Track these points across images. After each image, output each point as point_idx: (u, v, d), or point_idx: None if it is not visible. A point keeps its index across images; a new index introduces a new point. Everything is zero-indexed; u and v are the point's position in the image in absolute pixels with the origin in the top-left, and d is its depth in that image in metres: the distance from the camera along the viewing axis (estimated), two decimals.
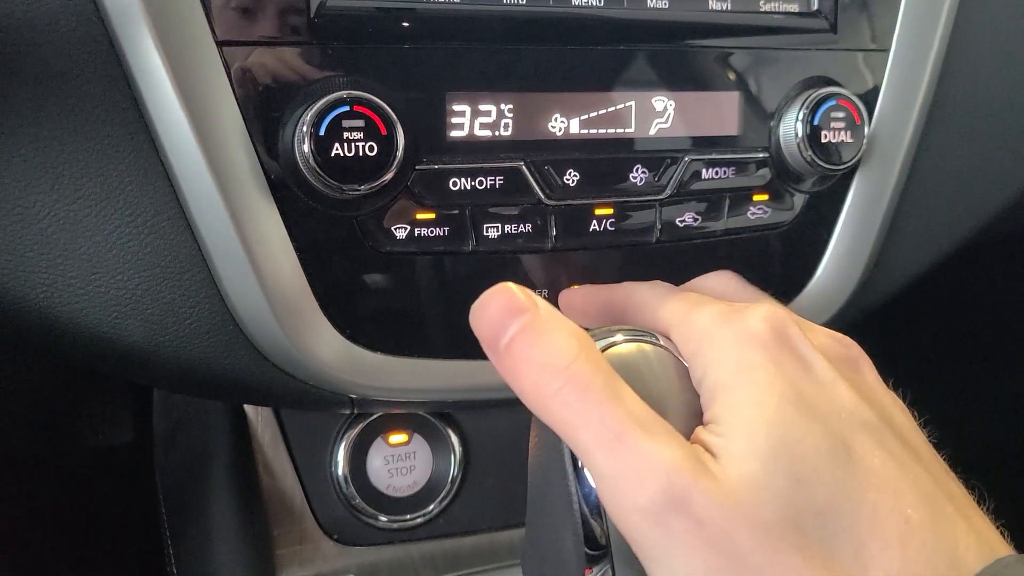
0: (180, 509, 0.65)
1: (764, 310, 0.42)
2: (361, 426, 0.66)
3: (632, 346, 0.42)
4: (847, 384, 0.40)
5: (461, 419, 0.68)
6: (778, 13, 0.60)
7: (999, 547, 0.38)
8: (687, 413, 0.41)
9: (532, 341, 0.39)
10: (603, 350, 0.42)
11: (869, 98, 0.63)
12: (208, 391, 0.62)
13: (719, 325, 0.42)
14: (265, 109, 0.50)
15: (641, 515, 0.35)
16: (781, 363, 0.39)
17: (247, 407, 0.68)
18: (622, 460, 0.36)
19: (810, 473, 0.36)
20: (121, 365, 0.55)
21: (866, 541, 0.35)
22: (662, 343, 0.43)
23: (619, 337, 0.43)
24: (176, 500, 0.66)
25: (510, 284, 0.42)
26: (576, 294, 0.56)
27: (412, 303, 0.56)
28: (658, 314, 0.45)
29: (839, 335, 0.45)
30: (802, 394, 0.38)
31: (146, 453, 0.69)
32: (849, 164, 0.60)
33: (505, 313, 0.40)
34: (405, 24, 0.52)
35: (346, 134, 0.49)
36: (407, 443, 0.67)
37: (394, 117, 0.50)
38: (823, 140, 0.59)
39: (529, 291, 0.41)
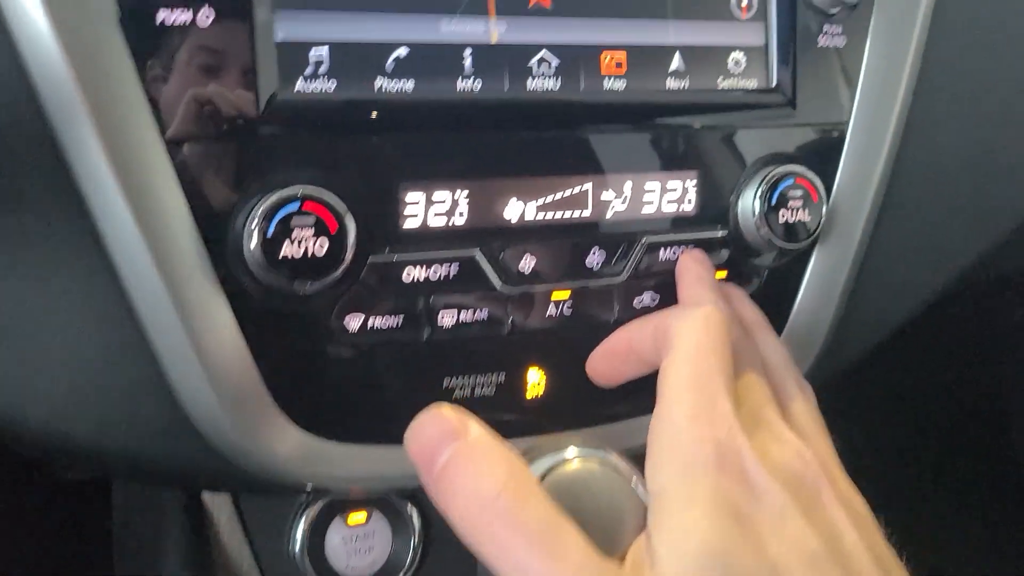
0: None
1: (721, 433, 0.41)
2: (319, 506, 0.65)
3: (578, 465, 0.42)
4: (796, 511, 0.40)
5: (422, 496, 0.67)
6: (736, 90, 0.60)
7: None
8: (631, 530, 0.41)
9: (461, 470, 0.39)
10: (549, 469, 0.41)
11: (828, 172, 0.63)
12: (160, 482, 0.61)
13: (685, 428, 0.42)
14: (214, 205, 0.49)
15: None
16: (732, 489, 0.40)
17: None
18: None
19: None
20: (69, 459, 0.54)
21: None
22: (612, 459, 0.43)
23: (568, 453, 0.43)
24: None
25: (444, 407, 0.42)
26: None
27: (369, 391, 0.55)
28: (668, 373, 0.45)
29: (801, 448, 0.45)
30: (746, 523, 0.39)
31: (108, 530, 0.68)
32: (807, 242, 0.60)
33: (437, 439, 0.40)
34: (357, 116, 0.51)
35: (296, 232, 0.48)
36: (366, 523, 0.66)
37: (345, 213, 0.49)
38: (781, 219, 0.59)
39: (463, 414, 0.41)
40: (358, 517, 0.66)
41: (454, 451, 0.39)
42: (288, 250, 0.48)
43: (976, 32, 0.68)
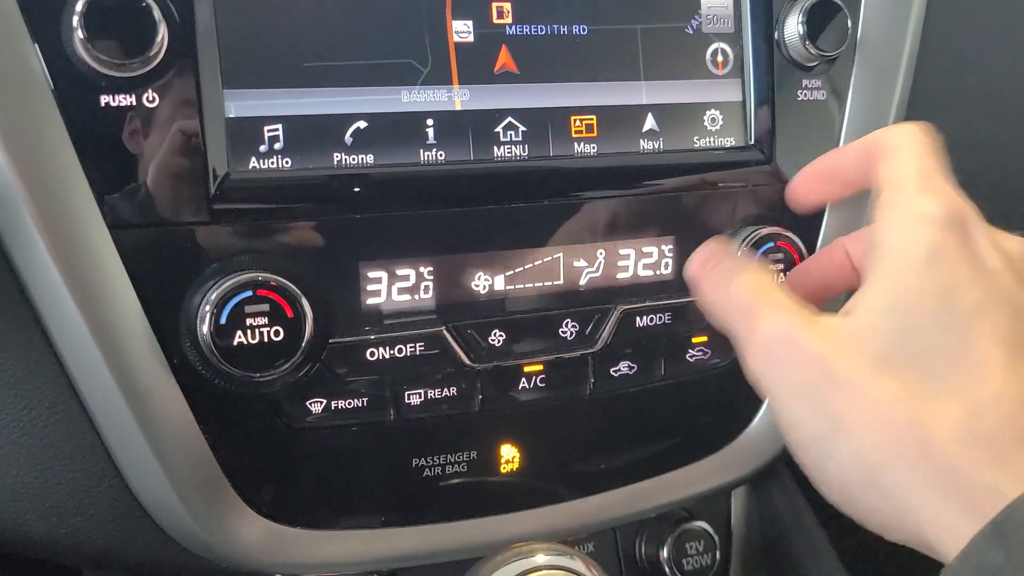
0: None
1: (958, 197, 0.44)
2: None
3: (546, 572, 0.40)
4: (1010, 273, 0.42)
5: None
6: (713, 149, 0.58)
7: None
8: None
9: (723, 272, 0.48)
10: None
11: (811, 230, 0.60)
12: (124, 572, 0.59)
13: (917, 189, 0.44)
14: (164, 294, 0.47)
15: (758, 349, 0.44)
16: (954, 251, 0.42)
17: None
18: (750, 329, 0.44)
19: (921, 324, 0.40)
20: (27, 551, 0.52)
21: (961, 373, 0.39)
22: (580, 565, 0.41)
23: (538, 560, 0.41)
24: None
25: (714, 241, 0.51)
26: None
27: (334, 475, 0.53)
28: (883, 177, 0.47)
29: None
30: (952, 272, 0.41)
31: None
32: None
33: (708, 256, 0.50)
34: (315, 193, 0.49)
35: (249, 320, 0.46)
36: None
37: (302, 298, 0.47)
38: None
39: (722, 243, 0.51)
40: None
41: (716, 262, 0.49)
42: (243, 339, 0.46)
43: (961, 82, 0.66)
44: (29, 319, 0.46)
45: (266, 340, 0.47)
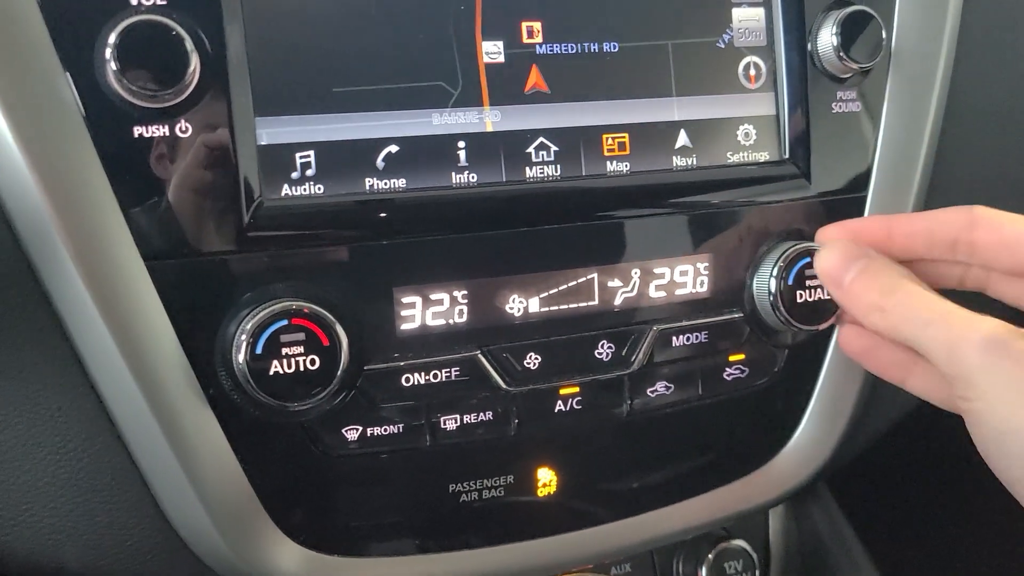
0: None
1: None
2: None
3: None
4: None
5: None
6: (747, 164, 0.57)
7: None
8: None
9: (871, 278, 0.48)
10: None
11: None
12: None
13: (1011, 345, 0.42)
14: (199, 324, 0.47)
15: (978, 350, 0.42)
16: None
17: None
18: (951, 334, 0.43)
19: None
20: None
21: None
22: None
23: None
24: None
25: (843, 242, 0.50)
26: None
27: (370, 503, 0.53)
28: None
29: None
30: None
31: None
32: (827, 324, 0.57)
33: (847, 259, 0.49)
34: (348, 218, 0.49)
35: (285, 349, 0.46)
36: None
37: (337, 326, 0.47)
38: (799, 299, 0.56)
39: (856, 246, 0.49)
40: None
41: (861, 265, 0.48)
42: (278, 368, 0.46)
43: (999, 89, 0.65)
44: (64, 351, 0.46)
45: (302, 369, 0.46)
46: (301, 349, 0.46)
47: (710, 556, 0.65)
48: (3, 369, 0.46)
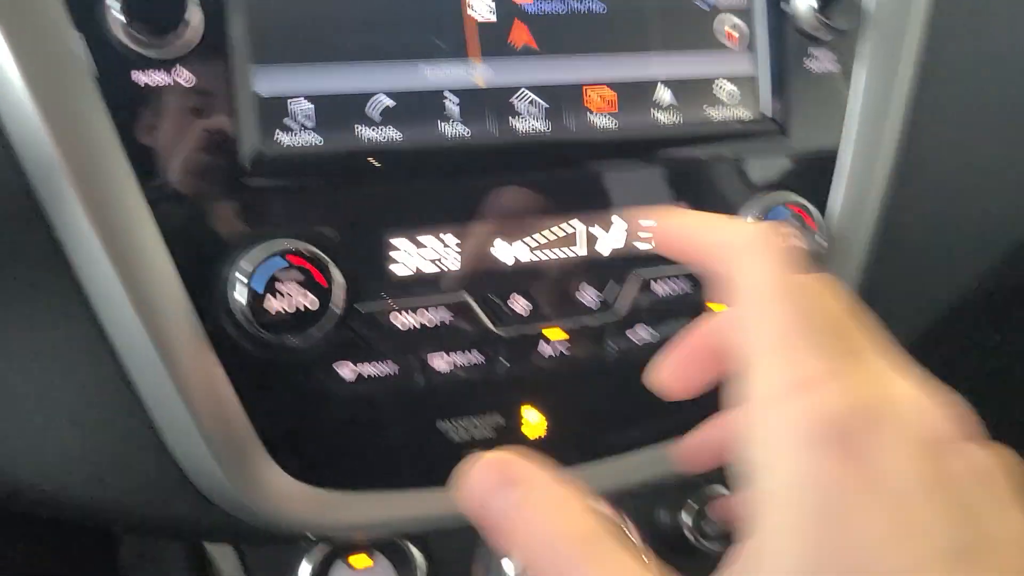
0: None
1: (837, 388, 0.31)
2: (323, 550, 0.65)
3: None
4: (927, 494, 0.30)
5: (426, 538, 0.67)
6: (727, 121, 0.59)
7: None
8: None
9: (529, 518, 0.35)
10: None
11: (823, 199, 0.62)
12: (159, 535, 0.61)
13: (784, 398, 0.32)
14: (200, 263, 0.49)
15: None
16: (838, 476, 0.30)
17: None
18: None
19: None
20: (66, 515, 0.54)
21: None
22: (600, 507, 0.42)
23: None
24: None
25: (497, 456, 0.38)
26: None
27: (364, 439, 0.55)
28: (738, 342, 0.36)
29: (943, 401, 0.34)
30: (851, 523, 0.30)
31: None
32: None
33: (494, 486, 0.36)
34: (342, 167, 0.51)
35: (282, 287, 0.48)
36: (371, 567, 0.66)
37: (333, 266, 0.49)
38: None
39: (516, 461, 0.37)
40: (362, 561, 0.66)
41: (519, 496, 0.35)
42: (276, 305, 0.48)
43: (973, 49, 0.67)
44: (69, 287, 0.48)
45: (298, 306, 0.48)
46: (297, 287, 0.48)
47: (690, 501, 0.67)
48: (8, 302, 0.48)
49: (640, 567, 0.32)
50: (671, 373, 0.45)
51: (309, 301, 0.49)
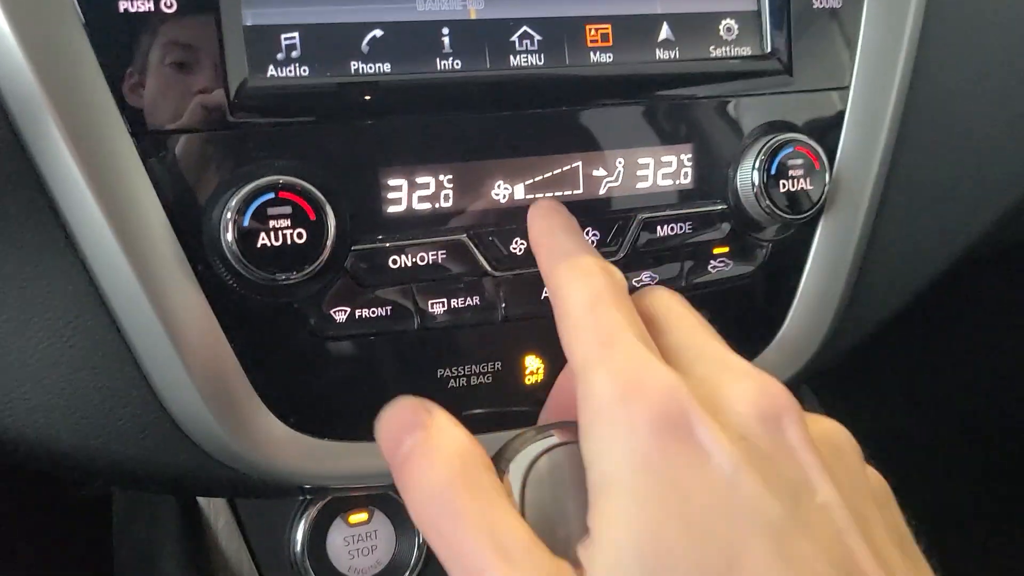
0: None
1: (663, 384, 0.36)
2: (319, 506, 0.64)
3: (565, 450, 0.39)
4: (752, 471, 0.34)
5: None
6: (730, 58, 0.58)
7: None
8: None
9: (416, 462, 0.38)
10: (537, 457, 0.39)
11: (830, 139, 0.60)
12: (150, 487, 0.59)
13: (615, 401, 0.36)
14: (187, 200, 0.47)
15: None
16: (671, 460, 0.34)
17: None
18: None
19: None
20: (55, 467, 0.53)
21: None
22: None
23: (553, 439, 0.40)
24: None
25: (409, 399, 0.41)
26: None
27: (358, 385, 0.53)
28: (571, 348, 0.41)
29: (764, 381, 0.39)
30: (689, 501, 0.34)
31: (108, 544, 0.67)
32: (811, 212, 0.58)
33: (400, 430, 0.39)
34: (333, 101, 0.49)
35: (272, 222, 0.47)
36: (368, 522, 0.65)
37: (323, 200, 0.47)
38: (782, 189, 0.57)
39: (429, 405, 0.40)
40: (359, 516, 0.65)
41: (413, 442, 0.38)
42: (266, 240, 0.47)
43: None
44: (55, 227, 0.47)
45: (289, 242, 0.47)
46: (288, 223, 0.47)
47: None
48: None
49: (518, 526, 0.35)
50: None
51: (299, 236, 0.47)
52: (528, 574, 0.34)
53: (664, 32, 0.56)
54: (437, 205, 0.52)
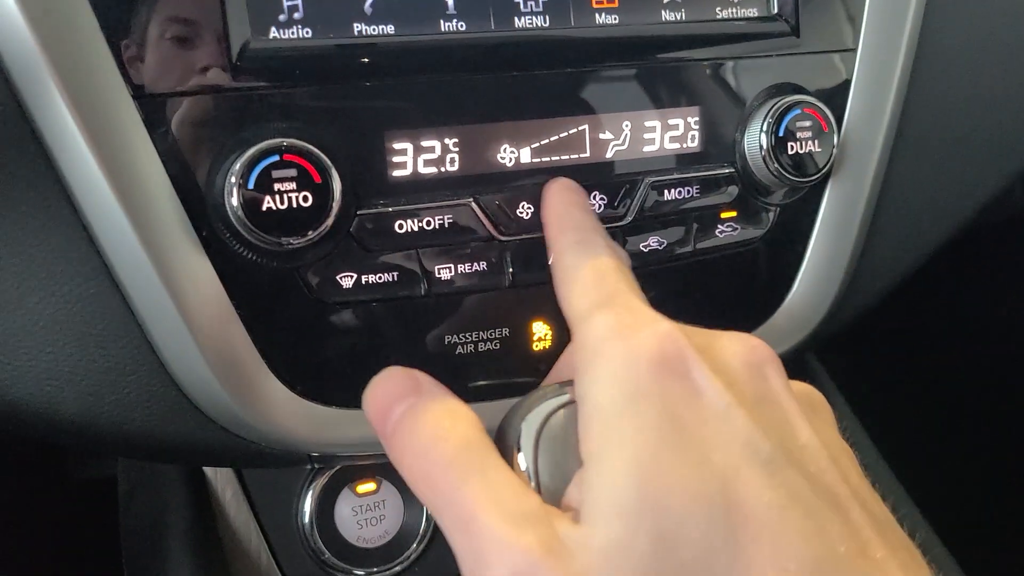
0: (141, 573, 0.62)
1: (661, 328, 0.38)
2: (327, 476, 0.63)
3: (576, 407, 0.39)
4: (743, 409, 0.36)
5: None
6: (736, 19, 0.57)
7: None
8: None
9: (410, 427, 0.39)
10: (551, 413, 0.39)
11: (838, 102, 0.60)
12: (157, 457, 0.59)
13: (612, 339, 0.38)
14: (190, 163, 0.47)
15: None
16: (667, 393, 0.36)
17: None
18: (473, 544, 0.35)
19: (676, 529, 0.33)
20: (61, 438, 0.52)
21: None
22: None
23: (566, 396, 0.40)
24: (137, 564, 0.63)
25: (396, 369, 0.42)
26: None
27: (366, 353, 0.53)
28: (569, 301, 0.44)
29: (748, 337, 0.41)
30: (684, 430, 0.35)
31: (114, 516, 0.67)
32: (819, 175, 0.57)
33: (390, 398, 0.41)
34: (336, 63, 0.49)
35: (277, 185, 0.46)
36: (376, 492, 0.64)
37: (328, 163, 0.47)
38: (790, 151, 0.56)
39: (416, 374, 0.42)
40: (367, 486, 0.64)
41: (407, 408, 0.40)
42: (271, 204, 0.46)
43: None
44: (57, 191, 0.46)
45: (295, 205, 0.46)
46: (293, 185, 0.46)
47: None
48: None
49: (508, 476, 0.37)
50: None
51: (304, 199, 0.46)
52: (517, 518, 0.35)
53: None
54: (442, 169, 0.51)
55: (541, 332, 0.56)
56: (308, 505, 0.63)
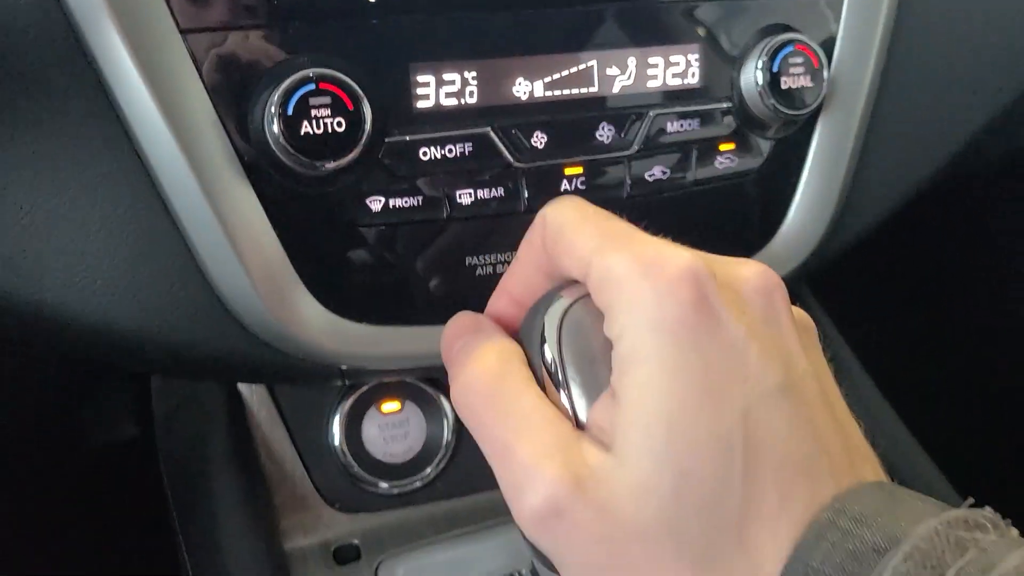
0: (185, 490, 0.67)
1: (685, 259, 0.38)
2: (354, 397, 0.68)
3: (587, 300, 0.43)
4: (755, 341, 0.38)
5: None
6: None
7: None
8: None
9: (462, 361, 0.43)
10: (570, 306, 0.43)
11: (828, 41, 0.64)
12: (201, 372, 0.63)
13: (637, 276, 0.38)
14: (233, 93, 0.51)
15: (527, 523, 0.38)
16: (696, 328, 0.37)
17: (242, 387, 0.70)
18: (509, 472, 0.38)
19: (697, 467, 0.35)
20: (113, 353, 0.57)
21: (755, 532, 0.35)
22: None
23: (577, 293, 0.44)
24: (180, 482, 0.68)
25: (466, 313, 0.47)
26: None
27: (392, 272, 0.57)
28: (572, 249, 0.42)
29: (759, 264, 0.42)
30: (709, 367, 0.37)
31: (148, 443, 0.71)
32: (811, 108, 0.61)
33: (456, 335, 0.45)
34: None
35: (314, 111, 0.50)
36: (400, 411, 0.69)
37: (360, 92, 0.51)
38: (783, 86, 0.60)
39: (479, 317, 0.46)
40: (392, 406, 0.69)
41: (462, 344, 0.44)
42: (308, 128, 0.50)
43: None
44: (113, 119, 0.51)
45: (329, 131, 0.51)
46: (328, 112, 0.51)
47: None
48: (52, 134, 0.50)
49: (542, 404, 0.40)
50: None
51: (339, 124, 0.51)
52: (549, 447, 0.38)
53: None
54: (463, 100, 0.55)
55: None
56: (337, 425, 0.68)
